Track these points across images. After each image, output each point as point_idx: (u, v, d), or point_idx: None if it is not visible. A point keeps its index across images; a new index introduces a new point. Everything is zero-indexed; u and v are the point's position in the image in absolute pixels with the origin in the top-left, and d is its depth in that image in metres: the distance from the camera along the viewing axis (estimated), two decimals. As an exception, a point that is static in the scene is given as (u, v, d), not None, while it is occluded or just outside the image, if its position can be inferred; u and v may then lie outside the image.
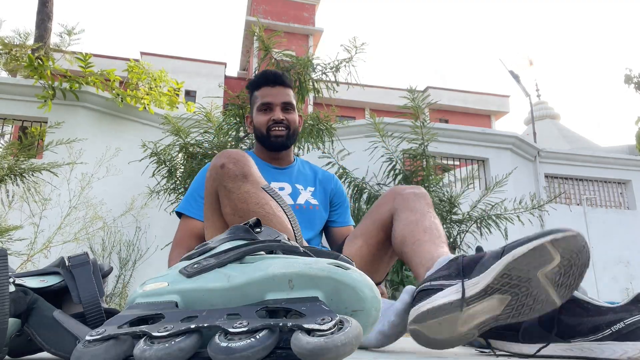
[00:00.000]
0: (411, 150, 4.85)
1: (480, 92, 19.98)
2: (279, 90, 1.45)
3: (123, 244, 5.68)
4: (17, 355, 0.78)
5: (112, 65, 7.31)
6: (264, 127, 1.43)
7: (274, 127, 1.42)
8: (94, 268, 0.80)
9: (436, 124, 6.55)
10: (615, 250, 7.73)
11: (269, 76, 1.46)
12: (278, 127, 1.42)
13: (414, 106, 4.78)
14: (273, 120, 1.41)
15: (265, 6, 18.36)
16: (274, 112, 1.42)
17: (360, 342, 0.50)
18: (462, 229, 4.64)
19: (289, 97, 1.46)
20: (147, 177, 4.78)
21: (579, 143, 13.88)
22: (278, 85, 1.45)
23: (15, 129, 6.46)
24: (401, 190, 1.20)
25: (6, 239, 3.21)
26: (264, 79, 1.47)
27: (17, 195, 3.63)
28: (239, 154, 1.05)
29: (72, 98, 5.86)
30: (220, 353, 0.49)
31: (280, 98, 1.44)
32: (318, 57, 4.68)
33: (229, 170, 1.01)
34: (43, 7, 7.28)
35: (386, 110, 16.12)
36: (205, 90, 13.92)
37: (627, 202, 8.47)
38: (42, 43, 6.89)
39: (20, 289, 0.73)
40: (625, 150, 11.19)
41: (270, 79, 1.46)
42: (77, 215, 4.53)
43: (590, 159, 8.48)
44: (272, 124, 1.42)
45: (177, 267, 0.65)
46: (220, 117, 4.56)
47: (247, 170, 1.02)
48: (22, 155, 3.45)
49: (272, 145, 1.44)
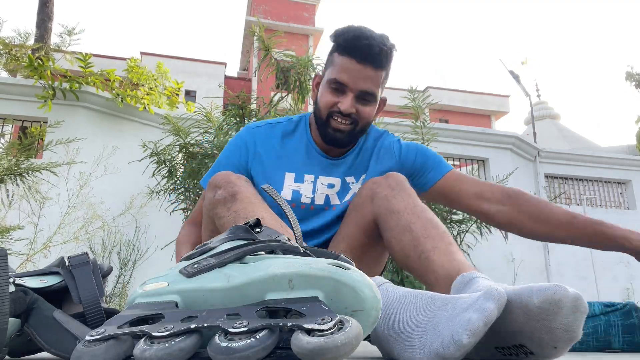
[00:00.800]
0: (411, 150, 4.85)
1: (480, 92, 19.99)
2: (364, 71, 1.08)
3: (123, 244, 5.69)
4: (17, 355, 0.78)
5: (112, 65, 7.31)
6: (327, 110, 1.12)
7: (336, 116, 1.11)
8: (94, 268, 0.80)
9: (436, 124, 6.56)
10: (615, 250, 7.72)
11: (363, 47, 1.07)
12: (342, 120, 1.11)
13: (414, 106, 4.78)
14: (339, 108, 1.10)
15: (265, 6, 18.36)
16: (345, 96, 1.10)
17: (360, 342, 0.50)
18: (462, 229, 4.64)
19: (373, 84, 1.11)
20: (146, 177, 4.78)
21: (579, 143, 13.88)
22: (368, 65, 1.08)
23: (15, 129, 6.46)
24: (377, 190, 1.03)
25: (6, 239, 3.21)
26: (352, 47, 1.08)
27: (17, 195, 3.63)
28: (228, 176, 0.98)
29: (72, 98, 5.86)
30: (220, 353, 0.49)
31: (360, 84, 1.09)
32: (318, 57, 4.68)
33: (219, 196, 0.95)
34: (43, 8, 7.28)
35: (386, 110, 16.07)
36: (205, 90, 13.92)
37: (627, 202, 8.48)
38: (42, 43, 6.89)
39: (20, 289, 0.73)
40: (625, 150, 11.20)
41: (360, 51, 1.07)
42: (77, 214, 4.54)
43: (590, 159, 8.49)
44: (336, 113, 1.11)
45: (177, 267, 0.65)
46: (220, 117, 4.56)
47: (236, 189, 0.94)
48: (22, 155, 3.45)
49: (327, 137, 1.14)
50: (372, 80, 1.10)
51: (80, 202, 4.67)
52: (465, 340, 0.61)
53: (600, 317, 1.08)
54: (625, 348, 1.06)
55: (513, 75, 10.99)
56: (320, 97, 1.15)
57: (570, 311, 0.61)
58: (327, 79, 1.14)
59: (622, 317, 1.07)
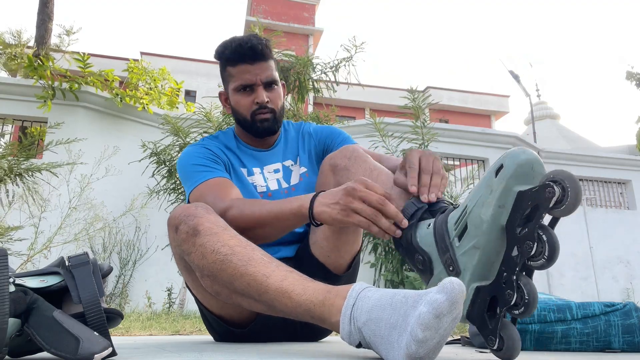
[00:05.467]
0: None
1: (480, 92, 19.99)
2: (259, 67, 1.23)
3: (123, 244, 5.69)
4: (17, 355, 0.78)
5: (112, 65, 7.32)
6: (247, 112, 1.25)
7: (257, 112, 1.24)
8: (93, 268, 0.80)
9: (436, 124, 6.56)
10: (615, 250, 7.73)
11: (246, 51, 1.21)
12: (262, 111, 1.24)
13: (414, 106, 4.79)
14: (257, 103, 1.23)
15: (265, 6, 18.37)
16: (256, 93, 1.23)
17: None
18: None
19: (271, 71, 1.25)
20: (147, 177, 4.78)
21: (579, 143, 13.88)
22: (259, 62, 1.22)
23: (15, 129, 6.46)
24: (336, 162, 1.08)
25: (6, 239, 3.21)
26: (240, 54, 1.22)
27: (17, 195, 3.63)
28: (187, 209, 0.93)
29: (71, 98, 5.86)
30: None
31: (262, 76, 1.23)
32: (318, 57, 4.68)
33: (181, 233, 0.91)
34: (44, 8, 7.28)
35: (386, 110, 16.11)
36: (205, 90, 13.92)
37: (627, 202, 8.47)
38: (42, 44, 6.90)
39: (20, 289, 0.73)
40: (625, 150, 11.20)
41: (247, 54, 1.21)
42: (78, 216, 4.54)
43: (590, 159, 8.49)
44: (257, 109, 1.24)
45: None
46: (220, 117, 4.56)
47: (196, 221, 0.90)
48: (22, 155, 3.45)
49: (259, 132, 1.26)
50: (269, 68, 1.25)
51: (81, 203, 4.67)
52: (420, 335, 0.62)
53: (600, 317, 1.07)
54: (625, 348, 1.06)
55: (513, 75, 10.99)
56: (236, 105, 1.27)
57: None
58: (233, 89, 1.26)
59: (622, 317, 1.07)
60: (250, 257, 0.85)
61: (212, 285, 0.91)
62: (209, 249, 0.87)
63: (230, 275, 0.85)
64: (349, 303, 0.73)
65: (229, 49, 1.24)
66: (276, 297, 0.80)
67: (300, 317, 0.80)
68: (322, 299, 0.77)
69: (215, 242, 0.87)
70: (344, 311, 0.73)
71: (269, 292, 0.81)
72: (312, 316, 0.78)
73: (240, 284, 0.84)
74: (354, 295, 0.74)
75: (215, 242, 0.87)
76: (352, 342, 0.73)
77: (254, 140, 1.32)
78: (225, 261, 0.85)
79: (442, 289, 0.64)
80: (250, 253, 0.85)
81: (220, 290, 0.90)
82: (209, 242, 0.87)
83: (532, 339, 1.09)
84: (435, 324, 0.63)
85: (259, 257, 0.85)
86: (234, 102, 1.28)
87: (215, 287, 0.90)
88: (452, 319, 0.64)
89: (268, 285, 0.81)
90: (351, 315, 0.72)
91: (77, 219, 4.46)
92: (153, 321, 2.60)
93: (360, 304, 0.72)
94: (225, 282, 0.86)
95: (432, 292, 0.64)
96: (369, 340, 0.71)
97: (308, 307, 0.78)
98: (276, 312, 0.84)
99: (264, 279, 0.82)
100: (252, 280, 0.82)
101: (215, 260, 0.86)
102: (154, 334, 2.11)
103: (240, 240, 0.89)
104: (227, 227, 0.91)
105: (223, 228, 0.90)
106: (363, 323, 0.70)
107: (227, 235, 0.89)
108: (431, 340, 0.63)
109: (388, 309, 0.69)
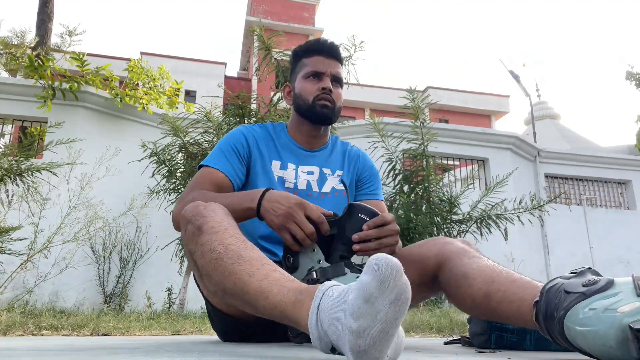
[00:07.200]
0: (411, 150, 4.85)
1: (480, 92, 20.00)
2: (332, 63, 1.33)
3: (123, 244, 5.69)
4: None
5: (112, 65, 7.31)
6: (312, 95, 1.29)
7: (320, 97, 1.29)
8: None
9: (436, 124, 6.56)
10: (615, 250, 7.73)
11: (325, 45, 1.34)
12: (326, 97, 1.29)
13: (413, 106, 4.78)
14: (322, 89, 1.29)
15: (265, 6, 18.37)
16: (323, 81, 1.30)
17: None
18: (462, 229, 4.64)
19: (341, 71, 1.35)
20: (147, 177, 4.77)
21: (579, 143, 13.87)
22: (333, 58, 1.33)
23: (15, 129, 6.46)
24: (450, 243, 1.07)
25: (6, 239, 3.21)
26: (319, 46, 1.34)
27: (17, 195, 3.63)
28: (197, 208, 0.94)
29: (71, 98, 5.86)
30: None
31: (333, 70, 1.32)
32: (318, 57, 4.66)
33: (188, 233, 0.92)
34: (44, 8, 7.29)
35: (386, 110, 16.12)
36: (205, 90, 13.91)
37: (627, 202, 8.48)
38: (42, 44, 6.90)
39: None
40: (625, 150, 11.19)
41: (325, 48, 1.33)
42: (77, 215, 4.53)
43: (591, 159, 8.49)
44: (322, 93, 1.29)
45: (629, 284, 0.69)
46: (220, 117, 4.56)
47: (201, 221, 0.90)
48: (22, 155, 3.45)
49: (318, 116, 1.30)
50: (339, 69, 1.34)
51: (81, 202, 4.67)
52: (354, 325, 0.57)
53: (601, 317, 1.07)
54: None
55: (513, 75, 10.99)
56: (301, 91, 1.33)
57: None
58: (302, 76, 1.33)
59: (622, 317, 1.06)
60: (239, 255, 0.81)
61: (209, 285, 0.87)
62: (207, 247, 0.86)
63: (221, 274, 0.82)
64: (314, 304, 0.66)
65: (309, 42, 1.37)
66: (256, 297, 0.75)
67: (278, 319, 0.74)
68: (294, 299, 0.70)
69: (214, 241, 0.86)
70: (311, 314, 0.66)
71: (250, 292, 0.76)
72: (288, 318, 0.72)
73: (229, 283, 0.80)
74: (319, 295, 0.67)
75: (213, 240, 0.86)
76: (323, 348, 0.65)
77: (303, 136, 1.36)
78: (218, 259, 0.83)
79: (367, 269, 0.57)
80: (241, 251, 0.82)
81: (216, 290, 0.86)
82: (209, 241, 0.86)
83: (533, 339, 1.09)
84: (369, 310, 0.56)
85: (248, 255, 0.81)
86: (299, 88, 1.33)
87: (212, 287, 0.87)
88: (392, 301, 0.56)
89: (250, 284, 0.77)
90: (317, 318, 0.65)
91: (76, 218, 4.45)
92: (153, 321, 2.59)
93: (323, 305, 0.65)
94: (217, 281, 0.83)
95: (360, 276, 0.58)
96: (336, 344, 0.63)
97: (283, 308, 0.71)
98: (260, 313, 0.78)
99: (247, 277, 0.78)
100: (237, 280, 0.79)
101: (210, 259, 0.84)
102: (154, 334, 2.11)
103: (238, 239, 0.86)
104: (229, 226, 0.90)
105: (224, 227, 0.88)
106: (327, 325, 0.63)
107: (226, 234, 0.87)
108: (370, 329, 0.56)
109: (342, 306, 0.62)
